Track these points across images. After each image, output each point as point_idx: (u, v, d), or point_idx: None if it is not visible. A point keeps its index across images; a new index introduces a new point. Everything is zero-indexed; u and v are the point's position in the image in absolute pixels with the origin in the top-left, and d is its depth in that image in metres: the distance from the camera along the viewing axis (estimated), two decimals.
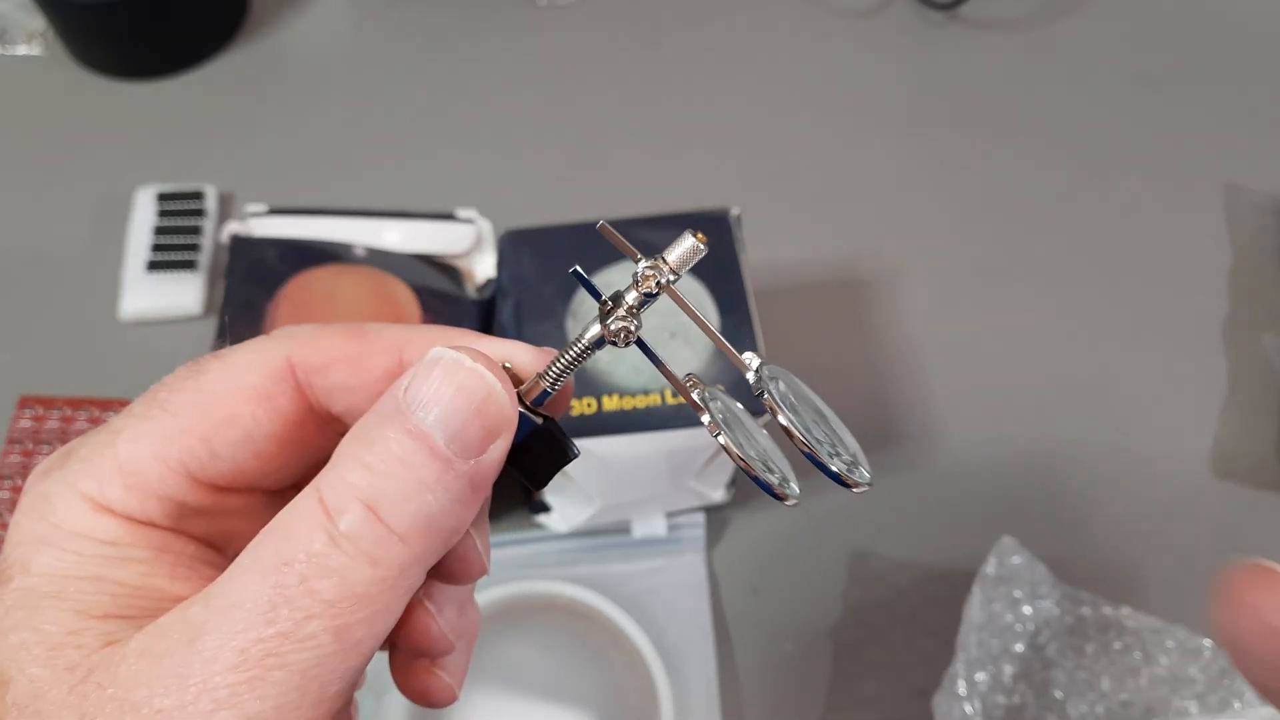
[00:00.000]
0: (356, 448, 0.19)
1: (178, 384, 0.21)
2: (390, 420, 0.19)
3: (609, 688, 0.46)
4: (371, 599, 0.18)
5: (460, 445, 0.19)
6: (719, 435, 0.21)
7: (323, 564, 0.18)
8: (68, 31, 0.63)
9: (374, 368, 0.22)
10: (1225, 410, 0.55)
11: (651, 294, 0.21)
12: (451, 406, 0.20)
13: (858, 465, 0.22)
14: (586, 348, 0.22)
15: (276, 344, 0.22)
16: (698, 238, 0.21)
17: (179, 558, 0.21)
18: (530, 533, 0.50)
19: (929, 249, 0.60)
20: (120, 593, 0.19)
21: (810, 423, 0.22)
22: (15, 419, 0.52)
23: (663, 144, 0.63)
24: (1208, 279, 0.59)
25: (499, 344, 0.23)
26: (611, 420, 0.41)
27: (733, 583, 0.50)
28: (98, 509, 0.20)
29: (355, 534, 0.18)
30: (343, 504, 0.18)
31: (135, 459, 0.20)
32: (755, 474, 0.21)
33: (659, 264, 0.21)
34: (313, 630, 0.18)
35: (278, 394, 0.21)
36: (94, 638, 0.18)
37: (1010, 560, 0.48)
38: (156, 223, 0.57)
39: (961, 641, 0.46)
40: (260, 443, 0.21)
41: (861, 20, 0.69)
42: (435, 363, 0.20)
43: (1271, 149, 0.64)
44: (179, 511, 0.21)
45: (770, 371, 0.22)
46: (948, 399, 0.55)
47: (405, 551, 0.19)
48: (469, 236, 0.54)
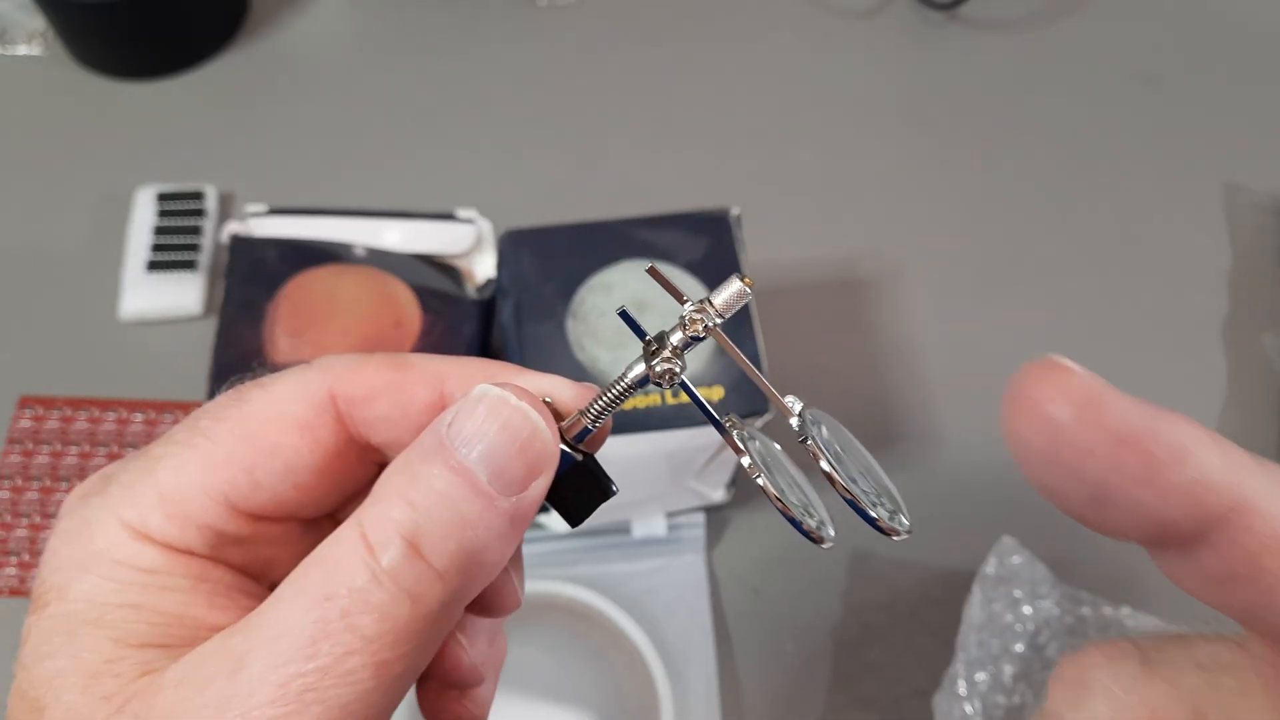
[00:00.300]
0: (399, 482, 0.19)
1: (220, 412, 0.21)
2: (433, 455, 0.19)
3: (609, 688, 0.46)
4: (411, 636, 0.18)
5: (503, 483, 0.19)
6: (758, 477, 0.21)
7: (364, 600, 0.18)
8: (68, 31, 0.63)
9: (415, 400, 0.22)
10: (1225, 410, 0.55)
11: (698, 337, 0.21)
12: (495, 443, 0.19)
13: (898, 513, 0.22)
14: (630, 387, 0.22)
15: (318, 374, 0.22)
16: (745, 281, 0.21)
17: (216, 586, 0.21)
18: (530, 533, 0.50)
19: (929, 249, 0.60)
20: (158, 621, 0.19)
21: (856, 474, 0.22)
22: (15, 419, 0.52)
23: (663, 144, 0.63)
24: (1208, 279, 0.59)
25: (540, 379, 0.23)
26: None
27: (733, 583, 0.50)
28: (138, 536, 0.20)
29: (397, 570, 0.18)
30: (385, 539, 0.18)
31: (177, 487, 0.20)
32: (794, 518, 0.21)
33: (706, 308, 0.21)
34: (352, 666, 0.18)
35: (319, 425, 0.21)
36: (131, 666, 0.18)
37: (1010, 560, 0.48)
38: (156, 223, 0.57)
39: (961, 641, 0.46)
40: (301, 473, 0.21)
41: (861, 20, 0.69)
42: (480, 399, 0.20)
43: (1271, 149, 0.64)
44: (218, 540, 0.21)
45: (813, 415, 0.22)
46: (948, 399, 0.55)
47: (445, 589, 0.19)
48: (469, 236, 0.54)
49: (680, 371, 0.21)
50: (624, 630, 0.47)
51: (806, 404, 0.22)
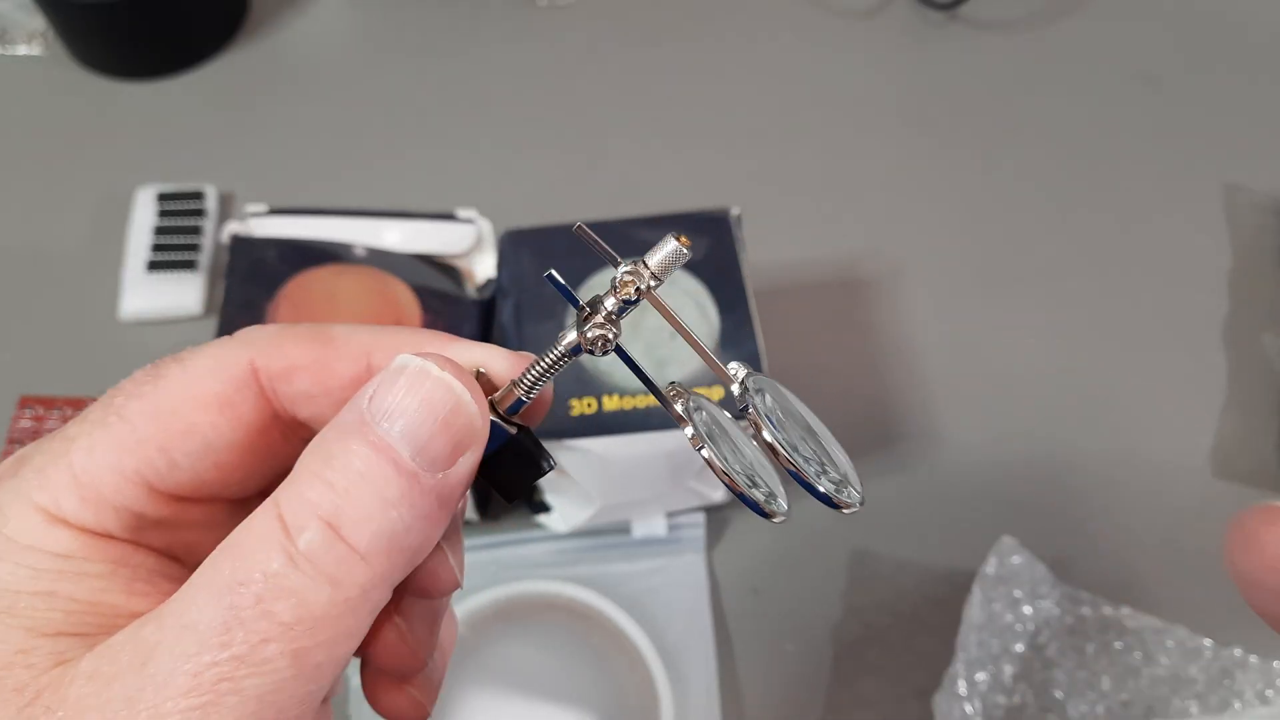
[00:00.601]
0: (317, 462, 0.18)
1: (135, 389, 0.20)
2: (353, 433, 0.18)
3: (609, 688, 0.46)
4: (332, 621, 0.18)
5: (427, 459, 0.19)
6: (702, 448, 0.20)
7: (280, 585, 0.17)
8: (68, 31, 0.63)
9: (340, 374, 0.21)
10: (1225, 410, 0.55)
11: (630, 300, 0.20)
12: (417, 418, 0.19)
13: (847, 484, 0.21)
14: (562, 355, 0.21)
15: (239, 348, 0.21)
16: (680, 240, 0.20)
17: (137, 571, 0.20)
18: (530, 533, 0.50)
19: (929, 249, 0.60)
20: (74, 609, 0.19)
21: (798, 439, 0.21)
22: (15, 419, 0.52)
23: (663, 144, 0.63)
24: (1208, 279, 0.59)
25: (472, 348, 0.22)
26: (611, 420, 0.41)
27: (733, 583, 0.50)
28: (52, 521, 0.19)
29: (315, 553, 0.17)
30: (302, 521, 0.18)
31: (91, 469, 0.19)
32: (739, 490, 0.20)
33: (639, 269, 0.20)
34: (269, 654, 0.17)
35: (239, 401, 0.21)
36: (44, 657, 0.18)
37: (1010, 560, 0.48)
38: (156, 223, 0.57)
39: (962, 641, 0.46)
40: (222, 452, 0.21)
41: (861, 20, 0.69)
42: (400, 371, 0.19)
43: (1271, 149, 0.64)
44: (137, 523, 0.20)
45: (755, 383, 0.21)
46: (948, 399, 0.55)
47: (368, 571, 0.18)
48: (469, 236, 0.54)
49: (614, 338, 0.20)
50: (624, 630, 0.47)
51: (751, 372, 0.21)
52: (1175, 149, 0.64)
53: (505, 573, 0.48)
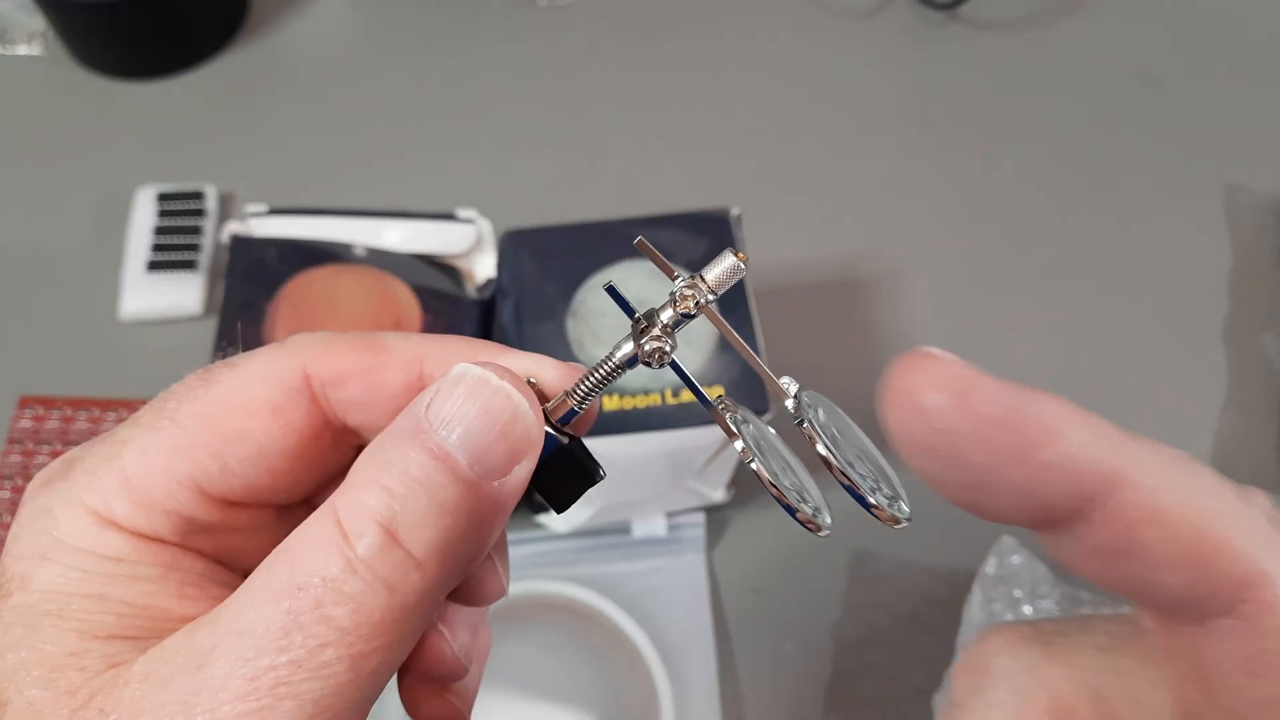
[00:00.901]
0: (374, 468, 0.18)
1: (187, 394, 0.20)
2: (410, 439, 0.18)
3: (609, 688, 0.46)
4: (389, 627, 0.18)
5: (484, 467, 0.19)
6: (752, 462, 0.20)
7: (338, 590, 0.17)
8: (68, 31, 0.63)
9: (392, 381, 0.21)
10: (1225, 410, 0.55)
11: (689, 315, 0.20)
12: (475, 426, 0.19)
13: (898, 500, 0.21)
14: (618, 366, 0.21)
15: (291, 354, 0.21)
16: (739, 257, 0.20)
17: (187, 575, 0.20)
18: (530, 533, 0.50)
19: (929, 249, 0.60)
20: (125, 612, 0.19)
21: (853, 457, 0.21)
22: (15, 419, 0.52)
23: (663, 144, 0.63)
24: (1208, 279, 0.59)
25: (524, 359, 0.22)
26: (611, 420, 0.41)
27: (733, 583, 0.50)
28: (103, 524, 0.19)
29: (373, 559, 0.18)
30: (360, 527, 0.18)
31: (142, 473, 0.19)
32: (789, 504, 0.20)
33: (697, 283, 0.20)
34: (327, 659, 0.17)
35: (291, 407, 0.21)
36: (96, 659, 0.18)
37: (1010, 560, 0.48)
38: (157, 223, 0.57)
39: (962, 641, 0.46)
40: (273, 457, 0.20)
41: (861, 20, 0.69)
42: (460, 380, 0.19)
43: (1271, 149, 0.64)
44: (187, 527, 0.20)
45: (809, 398, 0.21)
46: None
47: (424, 578, 0.18)
48: (469, 236, 0.54)
49: (670, 350, 0.21)
50: (624, 630, 0.47)
51: (803, 386, 0.22)
52: (1175, 149, 0.64)
53: None
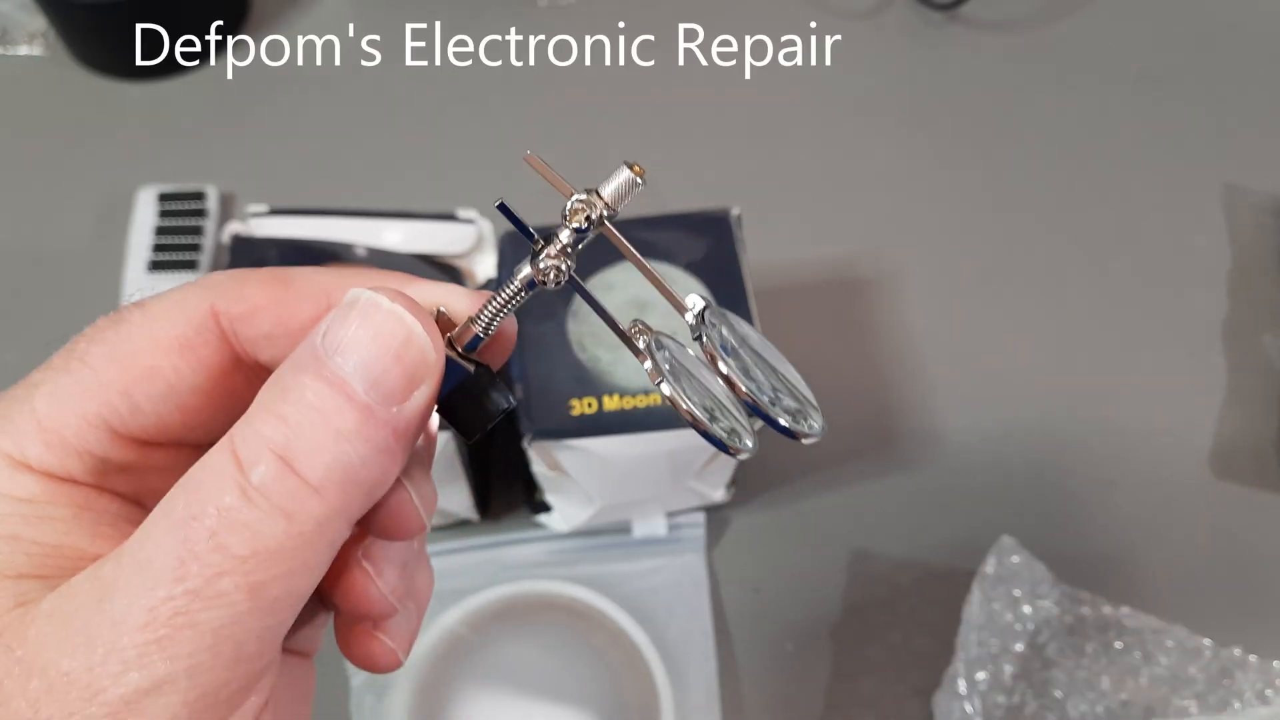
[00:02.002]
0: (270, 397, 0.18)
1: (97, 335, 0.21)
2: (306, 368, 0.18)
3: (609, 688, 0.46)
4: (287, 554, 0.18)
5: (380, 392, 0.19)
6: (661, 383, 0.20)
7: (234, 518, 0.17)
8: (68, 31, 0.63)
9: (300, 315, 0.21)
10: (1225, 410, 0.55)
11: (582, 230, 0.20)
12: (370, 351, 0.19)
13: (805, 415, 0.21)
14: (519, 289, 0.21)
15: (199, 292, 0.21)
16: (634, 170, 0.20)
17: (101, 516, 0.20)
18: (530, 533, 0.50)
19: (929, 249, 0.60)
20: (36, 552, 0.19)
21: (757, 371, 0.20)
22: None
23: (663, 144, 0.63)
24: (1208, 279, 0.59)
25: (432, 288, 0.22)
26: (611, 420, 0.41)
27: (733, 582, 0.50)
28: (15, 466, 0.19)
29: (267, 487, 0.18)
30: (255, 456, 0.18)
31: (53, 414, 0.20)
32: (702, 427, 0.20)
33: (592, 198, 0.20)
34: (224, 588, 0.17)
35: (200, 344, 0.21)
36: (6, 598, 0.18)
37: (1009, 560, 0.48)
38: (158, 223, 0.57)
39: (961, 641, 0.46)
40: (184, 395, 0.21)
41: (861, 20, 0.69)
42: (352, 305, 0.19)
43: (1271, 149, 0.64)
44: (101, 467, 0.20)
45: (712, 316, 0.21)
46: (947, 398, 0.55)
47: (322, 505, 0.18)
48: (470, 237, 0.54)
49: (568, 269, 0.20)
50: (624, 630, 0.47)
51: (711, 304, 0.21)
52: (1175, 149, 0.64)
53: (505, 573, 0.48)
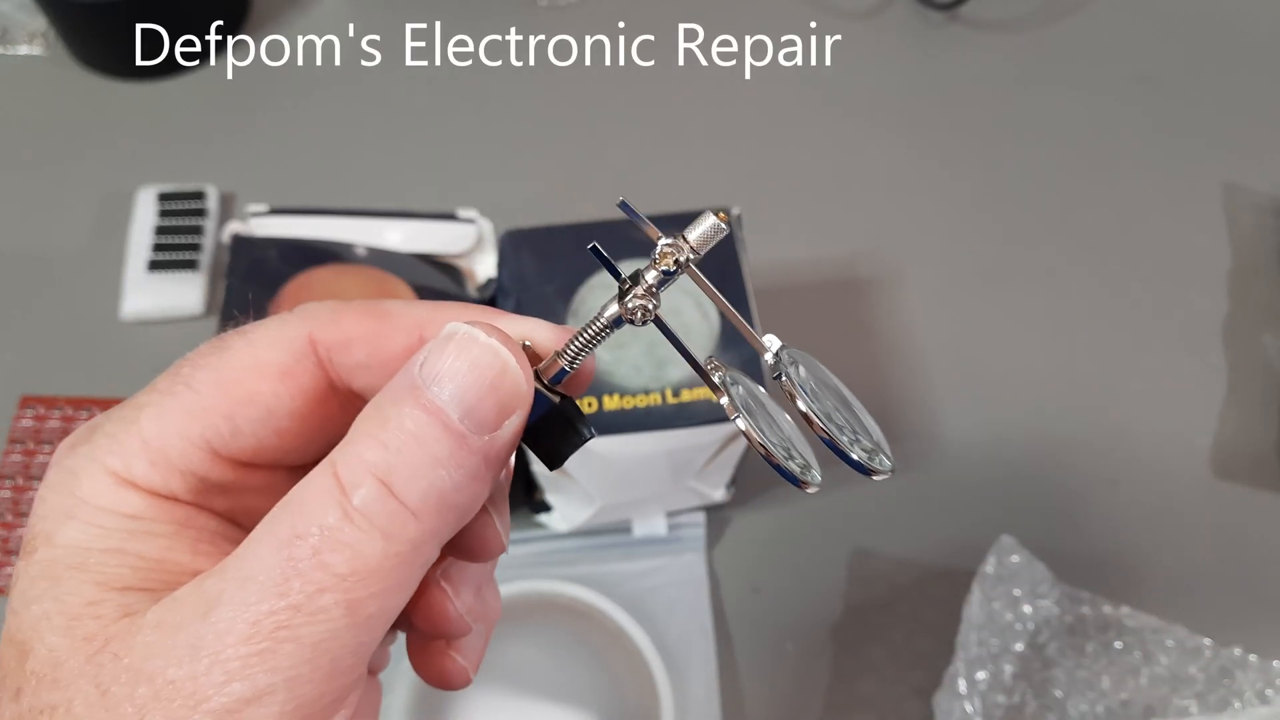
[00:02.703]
0: (371, 424, 0.19)
1: (201, 360, 0.21)
2: (405, 396, 0.19)
3: (609, 687, 0.46)
4: (384, 574, 0.19)
5: (474, 421, 0.20)
6: (737, 419, 0.21)
7: (335, 537, 0.18)
8: (69, 31, 0.63)
9: (394, 346, 0.22)
10: (1225, 410, 0.55)
11: (670, 272, 0.21)
12: (465, 382, 0.20)
13: (879, 453, 0.21)
14: (605, 326, 0.22)
15: (299, 321, 0.22)
16: (719, 216, 0.21)
17: (201, 533, 0.21)
18: (531, 532, 0.50)
19: (929, 249, 0.60)
20: (141, 566, 0.20)
21: (831, 409, 0.21)
22: (16, 419, 0.52)
23: (663, 144, 0.63)
24: (1208, 279, 0.59)
25: (519, 321, 0.23)
26: (612, 420, 0.41)
27: (733, 582, 0.50)
28: (122, 483, 0.20)
29: (368, 508, 0.18)
30: (357, 478, 0.19)
31: (159, 435, 0.20)
32: (776, 461, 0.20)
33: (679, 242, 0.21)
34: (325, 604, 0.18)
35: (299, 371, 0.22)
36: (113, 609, 0.19)
37: (1009, 559, 0.48)
38: (158, 222, 0.57)
39: (961, 640, 0.46)
40: (282, 420, 0.22)
41: (861, 20, 0.69)
42: (450, 338, 0.20)
43: (1271, 149, 0.64)
44: (201, 487, 0.21)
45: (790, 355, 0.22)
46: (947, 398, 0.55)
47: (418, 527, 0.19)
48: (470, 236, 0.54)
49: (653, 309, 0.21)
50: (624, 630, 0.47)
51: (787, 344, 0.22)
52: (1175, 149, 0.64)
53: (505, 573, 0.48)
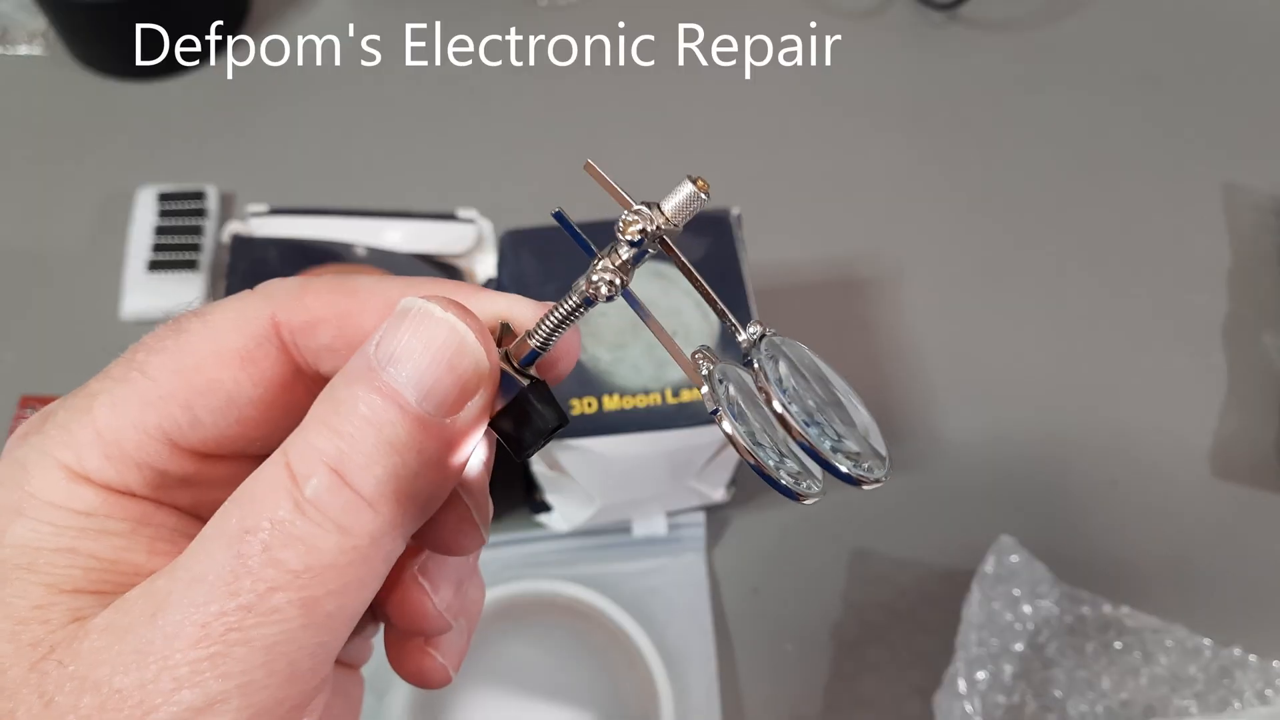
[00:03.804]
0: (324, 409, 0.18)
1: (156, 344, 0.20)
2: (359, 379, 0.18)
3: (609, 687, 0.46)
4: (341, 569, 0.17)
5: (434, 403, 0.18)
6: (722, 421, 0.18)
7: (287, 532, 0.17)
8: (69, 31, 0.63)
9: (363, 327, 0.20)
10: (1225, 410, 0.55)
11: (636, 243, 0.19)
12: (422, 361, 0.18)
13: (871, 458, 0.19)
14: (575, 305, 0.20)
15: (260, 301, 0.20)
16: (698, 184, 0.19)
17: (159, 530, 0.20)
18: (531, 532, 0.50)
19: (929, 249, 0.60)
20: (93, 567, 0.18)
21: (816, 408, 0.19)
22: (16, 419, 0.52)
23: (663, 144, 0.63)
24: (1208, 279, 0.59)
25: (496, 298, 0.21)
26: (611, 420, 0.41)
27: (733, 582, 0.50)
28: (74, 478, 0.19)
29: (321, 500, 0.17)
30: (309, 468, 0.17)
31: (113, 426, 0.19)
32: (764, 470, 0.18)
33: (651, 211, 0.19)
34: (277, 603, 0.17)
35: (261, 356, 0.20)
36: (61, 613, 0.18)
37: (1009, 559, 0.48)
38: (158, 222, 0.57)
39: (961, 640, 0.46)
40: (244, 407, 0.20)
41: (861, 20, 0.69)
42: (404, 314, 0.19)
43: (1271, 149, 0.64)
44: (160, 480, 0.20)
45: (770, 346, 0.20)
46: (947, 398, 0.55)
47: (376, 518, 0.17)
48: (470, 236, 0.54)
49: (622, 283, 0.19)
50: (624, 630, 0.47)
51: (774, 331, 0.20)
52: (1175, 149, 0.64)
53: (505, 573, 0.48)
